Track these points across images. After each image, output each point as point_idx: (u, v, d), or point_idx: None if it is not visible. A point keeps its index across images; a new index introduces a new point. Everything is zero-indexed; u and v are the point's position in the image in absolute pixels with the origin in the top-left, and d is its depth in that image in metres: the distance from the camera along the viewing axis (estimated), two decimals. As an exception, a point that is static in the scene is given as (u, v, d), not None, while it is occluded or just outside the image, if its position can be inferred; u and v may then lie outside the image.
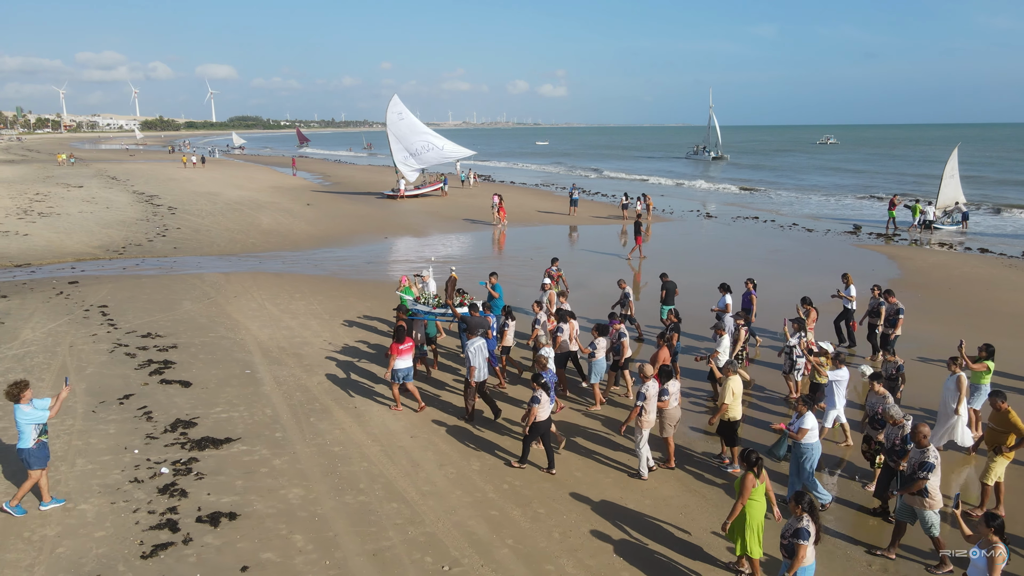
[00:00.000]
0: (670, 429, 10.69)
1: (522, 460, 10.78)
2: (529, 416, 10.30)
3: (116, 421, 11.89)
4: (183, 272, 24.22)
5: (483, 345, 12.37)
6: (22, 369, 14.15)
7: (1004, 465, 9.45)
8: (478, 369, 12.20)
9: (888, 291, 15.37)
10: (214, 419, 12.09)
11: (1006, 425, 9.30)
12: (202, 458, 10.65)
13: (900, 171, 78.53)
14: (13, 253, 27.02)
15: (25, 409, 8.88)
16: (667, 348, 12.38)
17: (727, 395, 10.43)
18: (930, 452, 8.16)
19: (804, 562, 6.94)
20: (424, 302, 15.77)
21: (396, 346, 12.25)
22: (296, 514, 9.21)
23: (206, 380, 13.93)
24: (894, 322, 14.90)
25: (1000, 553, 6.44)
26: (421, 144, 49.99)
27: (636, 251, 27.82)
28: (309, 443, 11.29)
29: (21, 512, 9.02)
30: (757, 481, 7.81)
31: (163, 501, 9.40)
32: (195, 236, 32.15)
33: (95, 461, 10.46)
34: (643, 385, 10.44)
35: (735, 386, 10.44)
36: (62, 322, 17.59)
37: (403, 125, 49.63)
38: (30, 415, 8.90)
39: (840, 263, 26.62)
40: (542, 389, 10.34)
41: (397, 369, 12.36)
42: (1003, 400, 9.39)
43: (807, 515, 6.99)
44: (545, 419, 10.41)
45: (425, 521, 9.13)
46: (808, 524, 6.94)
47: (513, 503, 9.69)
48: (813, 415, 9.40)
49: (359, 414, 12.55)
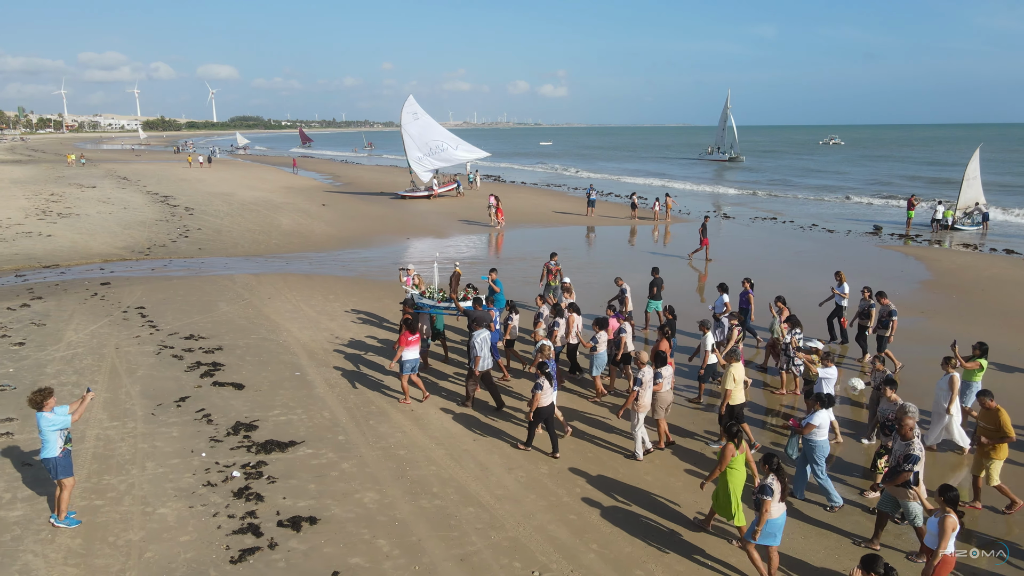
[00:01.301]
0: (662, 411, 11.39)
1: (527, 443, 11.32)
2: (533, 402, 10.84)
3: (177, 424, 11.84)
4: (212, 273, 24.17)
5: (488, 336, 12.87)
6: (73, 371, 14.11)
7: (999, 464, 9.54)
8: (483, 359, 12.65)
9: (880, 292, 15.25)
10: (273, 422, 12.05)
11: (995, 423, 9.43)
12: (270, 461, 10.60)
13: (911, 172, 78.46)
14: (39, 254, 26.97)
15: (48, 416, 8.64)
16: (667, 341, 12.79)
17: (728, 381, 10.97)
18: (915, 444, 8.32)
19: (771, 516, 7.70)
20: (429, 296, 16.40)
21: (404, 337, 12.70)
22: (375, 518, 9.17)
23: (258, 383, 13.88)
24: (887, 324, 14.80)
25: (951, 520, 7.05)
26: (435, 144, 49.94)
27: (700, 251, 27.66)
28: (373, 446, 11.24)
29: (75, 523, 8.80)
30: (737, 451, 8.45)
31: (240, 505, 9.35)
32: (217, 237, 32.09)
33: (164, 464, 10.42)
34: (639, 371, 11.04)
35: (737, 372, 11.01)
36: (103, 323, 17.54)
37: (418, 125, 49.54)
38: (54, 421, 8.65)
39: (867, 265, 26.63)
40: (545, 377, 10.86)
41: (405, 360, 12.79)
42: (991, 398, 9.56)
43: (773, 474, 7.77)
44: (548, 405, 10.95)
45: (505, 526, 9.09)
46: (773, 482, 7.70)
47: (590, 507, 9.65)
48: (824, 413, 9.57)
49: (416, 417, 12.50)
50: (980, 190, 38.37)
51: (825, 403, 9.67)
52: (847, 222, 39.12)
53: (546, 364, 11.13)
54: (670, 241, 33.52)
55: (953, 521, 7.05)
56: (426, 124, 50.12)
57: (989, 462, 9.50)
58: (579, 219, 39.94)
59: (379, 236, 33.22)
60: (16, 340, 15.98)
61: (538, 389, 10.83)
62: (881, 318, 14.90)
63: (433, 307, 15.81)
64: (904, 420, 8.45)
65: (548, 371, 10.96)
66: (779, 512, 7.82)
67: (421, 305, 15.48)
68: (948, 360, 11.09)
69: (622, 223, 38.76)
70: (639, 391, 10.83)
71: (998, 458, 9.49)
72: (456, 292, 16.94)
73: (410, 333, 12.78)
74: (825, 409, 9.64)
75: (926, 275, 25.08)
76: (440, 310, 15.94)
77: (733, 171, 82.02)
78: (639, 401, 10.88)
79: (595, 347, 13.29)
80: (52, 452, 8.65)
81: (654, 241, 33.90)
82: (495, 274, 17.17)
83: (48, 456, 8.67)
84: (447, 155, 50.32)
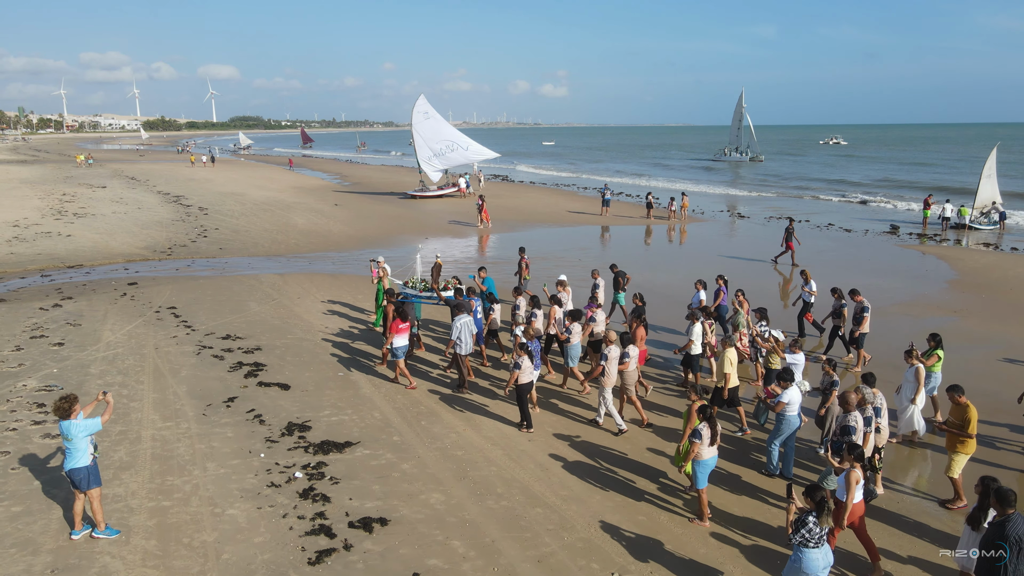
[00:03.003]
0: (631, 390, 12.05)
1: (526, 423, 11.88)
2: (511, 379, 11.47)
3: (230, 424, 11.79)
4: (237, 273, 24.11)
5: (469, 321, 13.49)
6: (117, 371, 14.06)
7: (963, 459, 9.58)
8: (464, 343, 13.31)
9: (853, 290, 15.38)
10: (326, 422, 12.00)
11: (961, 419, 9.48)
12: (329, 462, 10.55)
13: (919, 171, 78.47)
14: (62, 254, 26.90)
15: (78, 423, 8.21)
16: (643, 327, 13.38)
17: (726, 365, 11.62)
18: (851, 417, 8.91)
19: (700, 457, 8.84)
20: (412, 286, 17.17)
21: (395, 325, 13.23)
22: (445, 519, 9.12)
23: (303, 383, 13.83)
24: (859, 320, 14.87)
25: (855, 474, 7.76)
26: (445, 144, 49.79)
27: (786, 256, 26.90)
28: (430, 447, 11.20)
29: (115, 532, 8.53)
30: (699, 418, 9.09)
31: (308, 506, 9.31)
32: (236, 237, 32.03)
33: (225, 465, 10.37)
34: (606, 348, 11.86)
35: (732, 356, 11.70)
36: (138, 324, 17.49)
37: (428, 125, 49.38)
38: (86, 426, 8.24)
39: (891, 264, 26.63)
40: (526, 356, 11.48)
41: (396, 347, 13.36)
42: (961, 394, 9.60)
43: (705, 422, 8.85)
44: (527, 382, 11.64)
45: (576, 527, 9.05)
46: (704, 428, 8.81)
47: (657, 508, 9.61)
48: (793, 391, 10.12)
49: (468, 417, 12.45)
50: (996, 189, 38.34)
51: (787, 379, 10.14)
52: (862, 222, 39.10)
53: (527, 344, 11.72)
54: (688, 241, 33.50)
55: (857, 475, 7.76)
56: (436, 124, 50.01)
57: (954, 455, 9.60)
58: (594, 219, 39.88)
59: (397, 236, 33.16)
60: (55, 340, 15.92)
61: (517, 368, 11.44)
62: (856, 315, 14.99)
63: (415, 297, 16.64)
64: (847, 395, 9.07)
65: (529, 350, 11.61)
66: (709, 455, 8.90)
67: (404, 295, 16.31)
68: (910, 353, 11.43)
69: (638, 223, 38.72)
70: (604, 365, 11.69)
71: (964, 452, 9.55)
72: (437, 282, 17.73)
73: (401, 320, 13.32)
74: (793, 386, 10.12)
75: (952, 274, 25.04)
76: (421, 300, 16.78)
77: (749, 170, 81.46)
78: (604, 377, 11.71)
79: (569, 338, 13.50)
80: (83, 461, 8.25)
81: (669, 241, 33.86)
82: (484, 272, 17.32)
83: (78, 466, 8.23)
84: (458, 155, 50.24)
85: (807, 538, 6.76)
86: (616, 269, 18.45)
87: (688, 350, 13.48)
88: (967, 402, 9.55)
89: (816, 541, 6.77)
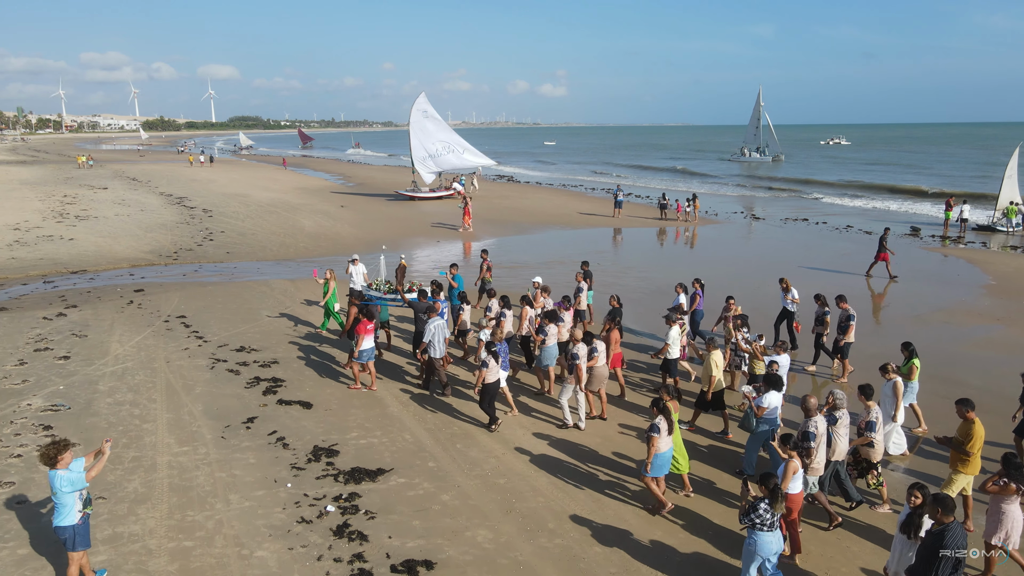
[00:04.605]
0: (597, 384, 12.06)
1: (491, 422, 11.75)
2: (479, 379, 11.42)
3: (251, 449, 10.95)
4: (246, 279, 23.26)
5: (443, 325, 13.14)
6: (127, 388, 13.21)
7: (964, 479, 8.84)
8: (436, 346, 12.91)
9: (840, 296, 14.49)
10: (354, 446, 11.16)
11: (965, 436, 8.77)
12: (362, 492, 9.71)
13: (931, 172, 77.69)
14: (65, 259, 26.03)
15: (63, 474, 7.04)
16: (617, 330, 13.27)
17: (713, 368, 11.36)
18: (811, 423, 8.84)
19: (657, 450, 9.01)
20: (376, 288, 17.05)
21: (363, 326, 12.93)
22: (496, 561, 8.28)
23: (326, 400, 12.99)
24: (845, 328, 14.05)
25: (793, 464, 8.08)
26: (441, 146, 48.55)
27: (880, 266, 24.21)
28: (469, 474, 10.35)
29: None
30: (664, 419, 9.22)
31: (344, 546, 8.45)
32: (243, 240, 31.17)
33: (250, 497, 9.51)
34: (573, 347, 11.80)
35: (718, 358, 11.46)
36: (147, 334, 16.63)
37: (427, 124, 48.14)
38: (72, 479, 7.07)
39: (921, 268, 25.82)
40: (492, 356, 11.40)
41: (363, 350, 13.05)
42: (969, 408, 8.88)
43: (661, 415, 9.10)
44: (494, 382, 11.51)
45: (641, 570, 8.20)
46: (660, 422, 9.05)
47: (723, 547, 8.75)
48: (773, 394, 10.04)
49: (505, 439, 11.60)
50: (1016, 189, 37.53)
51: (774, 385, 10.04)
52: (880, 223, 38.17)
53: (493, 344, 11.62)
54: (701, 244, 32.66)
55: (795, 465, 8.09)
56: (435, 124, 48.74)
57: (954, 473, 8.88)
58: (607, 220, 39.05)
59: (408, 239, 32.30)
60: (60, 353, 15.07)
61: (484, 367, 11.35)
62: (840, 323, 14.15)
63: (380, 299, 16.50)
64: (807, 400, 8.97)
65: (494, 349, 11.48)
66: (665, 447, 9.12)
67: (369, 296, 16.16)
68: (885, 368, 10.78)
69: (651, 224, 37.90)
70: (579, 364, 11.59)
71: (964, 472, 8.81)
72: (402, 284, 17.56)
73: (368, 321, 13.03)
74: (776, 391, 10.03)
75: (985, 279, 24.21)
76: (386, 301, 16.62)
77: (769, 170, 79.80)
78: (577, 375, 11.61)
79: (544, 340, 13.02)
80: (70, 519, 7.12)
81: (682, 242, 33.03)
82: (455, 269, 17.29)
83: (64, 524, 7.12)
84: (453, 158, 48.94)
85: (758, 522, 7.14)
86: (586, 268, 17.91)
87: (665, 354, 13.05)
88: (974, 417, 8.87)
89: (769, 525, 7.14)
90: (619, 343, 13.38)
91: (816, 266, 26.06)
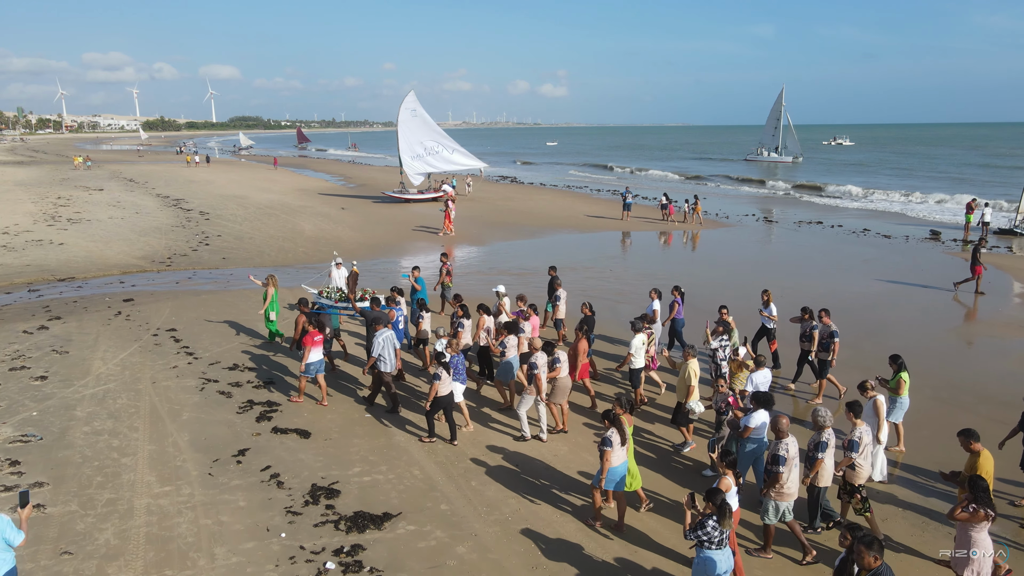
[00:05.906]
0: (562, 396, 11.44)
1: (429, 434, 11.32)
2: (431, 392, 10.86)
3: (241, 488, 9.77)
4: (242, 287, 22.05)
5: (391, 336, 12.24)
6: (107, 414, 12.03)
7: None
8: (387, 361, 12.09)
9: (823, 310, 13.28)
10: (357, 484, 9.98)
11: (970, 470, 7.86)
12: (367, 544, 8.52)
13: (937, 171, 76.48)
14: (53, 265, 24.85)
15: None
16: (586, 340, 12.59)
17: (692, 377, 10.77)
18: (781, 445, 8.18)
19: (611, 464, 8.61)
20: (327, 296, 16.47)
21: (311, 337, 12.30)
22: (523, 634, 7.10)
23: (325, 428, 11.81)
24: (827, 346, 12.83)
25: (726, 481, 7.59)
26: (429, 146, 47.16)
27: (971, 283, 21.87)
28: (487, 520, 9.16)
29: None
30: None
31: (346, 615, 7.27)
32: (240, 245, 29.98)
33: (237, 551, 8.33)
34: (532, 356, 11.23)
35: (695, 367, 10.93)
36: (133, 350, 15.47)
37: (414, 123, 46.78)
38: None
39: (945, 273, 24.66)
40: (443, 368, 10.90)
41: (311, 363, 12.39)
42: (974, 440, 8.13)
43: (613, 428, 8.65)
44: (446, 395, 10.98)
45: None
46: (612, 435, 8.61)
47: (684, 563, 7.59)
48: (762, 413, 9.37)
49: (524, 480, 10.40)
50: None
51: (763, 403, 9.43)
52: (898, 227, 37.07)
53: (443, 355, 11.12)
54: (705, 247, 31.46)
55: (727, 482, 7.60)
56: (422, 123, 47.34)
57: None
58: (615, 223, 37.85)
59: (412, 243, 31.14)
60: (37, 373, 13.90)
61: (436, 379, 10.88)
62: (821, 340, 12.92)
63: (331, 307, 15.82)
64: (779, 420, 8.36)
65: (445, 361, 10.98)
66: (619, 461, 8.72)
67: (320, 305, 15.58)
68: (863, 386, 9.96)
69: (658, 227, 36.72)
70: (538, 374, 11.06)
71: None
72: (354, 292, 16.97)
73: (317, 332, 12.44)
74: (763, 409, 9.39)
75: (1018, 286, 23.03)
76: (336, 310, 15.97)
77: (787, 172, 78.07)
78: (536, 386, 11.09)
79: (503, 352, 12.39)
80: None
81: (683, 245, 31.84)
82: (417, 272, 16.71)
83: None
84: (440, 159, 47.39)
85: (705, 540, 6.81)
86: (553, 272, 16.99)
87: (629, 363, 12.39)
88: (980, 448, 8.08)
89: (717, 544, 6.81)
90: (587, 353, 12.73)
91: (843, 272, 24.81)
